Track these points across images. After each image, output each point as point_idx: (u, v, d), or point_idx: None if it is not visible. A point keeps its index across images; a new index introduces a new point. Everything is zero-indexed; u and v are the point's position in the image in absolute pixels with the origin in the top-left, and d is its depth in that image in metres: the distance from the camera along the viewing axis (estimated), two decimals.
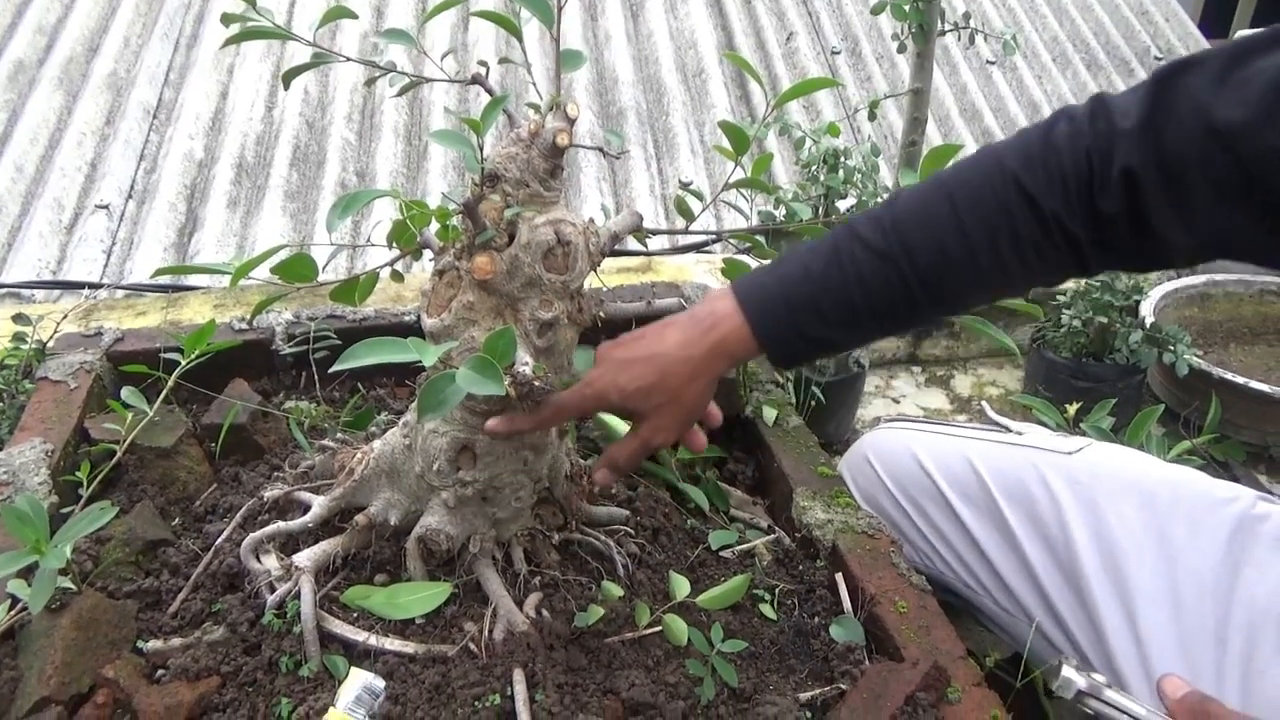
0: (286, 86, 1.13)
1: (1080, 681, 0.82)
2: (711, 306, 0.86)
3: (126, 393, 1.09)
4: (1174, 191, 0.71)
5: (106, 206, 2.45)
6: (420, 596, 0.90)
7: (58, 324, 1.38)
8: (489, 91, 0.92)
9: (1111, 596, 0.95)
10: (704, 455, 1.28)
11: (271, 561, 0.94)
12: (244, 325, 1.38)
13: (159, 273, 0.95)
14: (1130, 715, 0.79)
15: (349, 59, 0.98)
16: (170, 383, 1.11)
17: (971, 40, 2.05)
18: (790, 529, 1.13)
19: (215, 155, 2.70)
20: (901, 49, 2.04)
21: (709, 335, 0.85)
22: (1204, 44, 4.07)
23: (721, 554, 1.10)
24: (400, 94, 0.98)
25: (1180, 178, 0.70)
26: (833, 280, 0.82)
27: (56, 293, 2.14)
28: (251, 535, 0.95)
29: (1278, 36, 0.67)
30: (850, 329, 0.85)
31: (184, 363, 1.11)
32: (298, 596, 0.89)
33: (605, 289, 1.54)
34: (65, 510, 1.02)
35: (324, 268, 0.90)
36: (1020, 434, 1.14)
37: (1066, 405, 1.60)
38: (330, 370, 0.75)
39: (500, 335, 0.75)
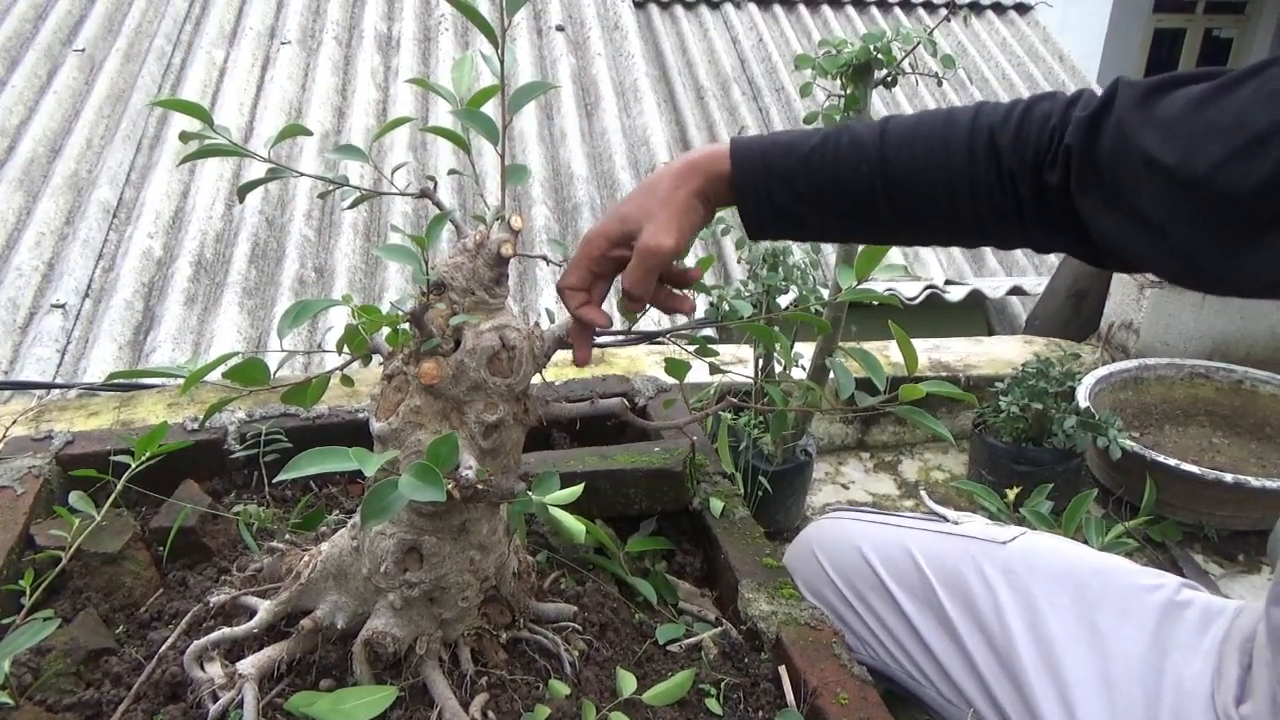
0: (241, 200, 1.17)
1: None
2: (707, 147, 0.96)
3: (74, 498, 1.09)
4: (1094, 180, 0.79)
5: (63, 306, 2.46)
6: (365, 701, 0.90)
7: (7, 428, 1.38)
8: (437, 205, 0.97)
9: (1048, 685, 0.97)
10: (653, 548, 1.30)
11: (215, 669, 0.94)
12: (196, 426, 1.39)
13: (112, 377, 0.96)
14: None
15: (302, 174, 1.02)
16: (119, 487, 1.11)
17: None
18: (736, 621, 1.15)
19: (174, 253, 2.73)
20: None
21: (693, 156, 0.94)
22: None
23: (669, 648, 1.11)
24: (352, 206, 1.02)
25: (1098, 171, 0.79)
26: (814, 159, 0.90)
27: (8, 394, 2.13)
28: (195, 643, 0.95)
29: (1209, 74, 0.74)
30: (812, 208, 0.92)
31: (134, 466, 1.12)
32: (241, 705, 0.89)
33: (555, 384, 1.58)
34: (6, 621, 1.01)
35: (278, 369, 0.92)
36: (957, 523, 1.18)
37: (1007, 490, 1.65)
38: (273, 481, 0.77)
39: (442, 442, 0.78)
